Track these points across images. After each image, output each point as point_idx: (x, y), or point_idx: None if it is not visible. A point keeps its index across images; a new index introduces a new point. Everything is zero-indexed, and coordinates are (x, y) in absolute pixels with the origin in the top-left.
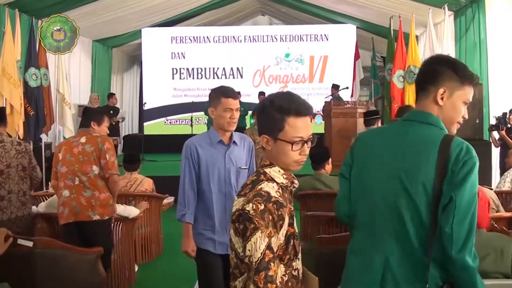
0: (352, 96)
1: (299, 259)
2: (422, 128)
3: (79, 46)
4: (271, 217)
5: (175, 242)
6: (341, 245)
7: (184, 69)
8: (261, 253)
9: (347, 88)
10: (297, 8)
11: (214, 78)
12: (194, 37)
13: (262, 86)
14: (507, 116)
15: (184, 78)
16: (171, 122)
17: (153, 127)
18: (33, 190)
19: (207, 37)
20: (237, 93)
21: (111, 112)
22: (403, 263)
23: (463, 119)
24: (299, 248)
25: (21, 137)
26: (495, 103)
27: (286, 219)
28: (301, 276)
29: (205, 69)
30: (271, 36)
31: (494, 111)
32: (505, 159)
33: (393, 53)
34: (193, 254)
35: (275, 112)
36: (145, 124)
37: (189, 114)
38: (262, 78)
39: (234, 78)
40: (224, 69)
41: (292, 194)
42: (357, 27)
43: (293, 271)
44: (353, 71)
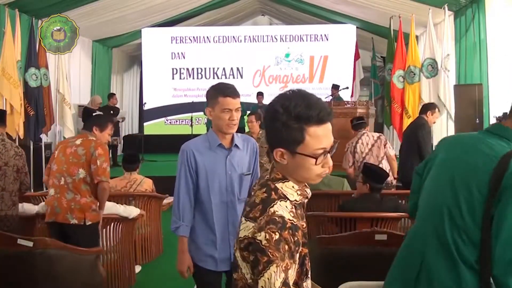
0: (352, 96)
1: (309, 278)
2: (496, 141)
3: (79, 46)
4: (287, 247)
5: (175, 242)
6: (341, 245)
7: (184, 69)
8: None
9: (347, 88)
10: (297, 8)
11: (214, 78)
12: (194, 37)
13: (262, 86)
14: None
15: (184, 78)
16: (171, 122)
17: (153, 127)
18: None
19: (207, 37)
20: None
21: (111, 112)
22: (439, 265)
23: None
24: (309, 266)
25: (21, 137)
26: (495, 103)
27: (300, 242)
28: None
29: (205, 69)
30: (271, 36)
31: (494, 111)
32: None
33: (393, 53)
34: (188, 273)
35: (291, 121)
36: (145, 124)
37: (189, 114)
38: (262, 78)
39: (234, 78)
40: (224, 69)
41: (304, 208)
42: (357, 27)
43: None
44: (353, 71)
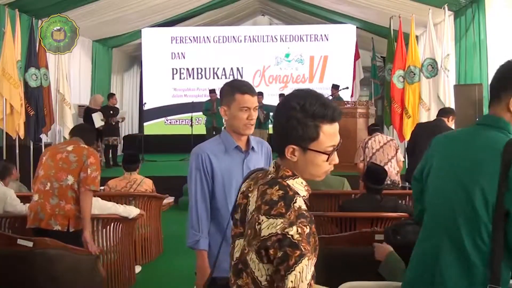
0: (352, 96)
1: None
2: (491, 132)
3: (79, 46)
4: (313, 240)
5: (175, 242)
6: (341, 245)
7: (184, 69)
8: (307, 284)
9: (347, 88)
10: (297, 8)
11: (214, 78)
12: (194, 37)
13: (262, 86)
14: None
15: (184, 78)
16: (171, 122)
17: (153, 127)
18: None
19: (207, 37)
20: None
21: (111, 112)
22: (452, 262)
23: None
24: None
25: (21, 137)
26: None
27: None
28: None
29: (205, 69)
30: (271, 36)
31: None
32: None
33: (393, 53)
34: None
35: (307, 118)
36: (145, 124)
37: (189, 114)
38: (262, 78)
39: (234, 78)
40: (224, 69)
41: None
42: (357, 27)
43: None
44: (353, 71)
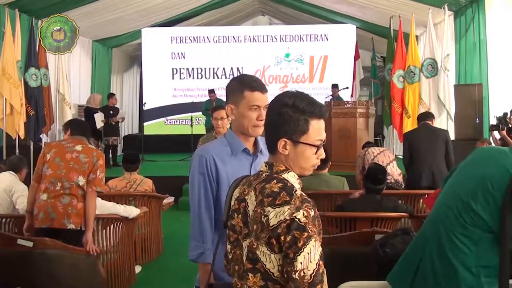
0: (352, 96)
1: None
2: None
3: (79, 46)
4: (317, 223)
5: (175, 242)
6: (341, 245)
7: (184, 69)
8: (316, 264)
9: (347, 88)
10: (297, 8)
11: (214, 78)
12: (194, 37)
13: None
14: (508, 116)
15: (184, 78)
16: (171, 122)
17: (153, 127)
18: None
19: (207, 37)
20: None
21: (111, 112)
22: (435, 267)
23: None
24: None
25: (21, 137)
26: (495, 103)
27: None
28: None
29: (205, 69)
30: (271, 36)
31: (494, 111)
32: None
33: (393, 53)
34: None
35: (297, 114)
36: (145, 124)
37: (189, 114)
38: (262, 78)
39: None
40: (224, 69)
41: None
42: (357, 27)
43: None
44: (353, 71)
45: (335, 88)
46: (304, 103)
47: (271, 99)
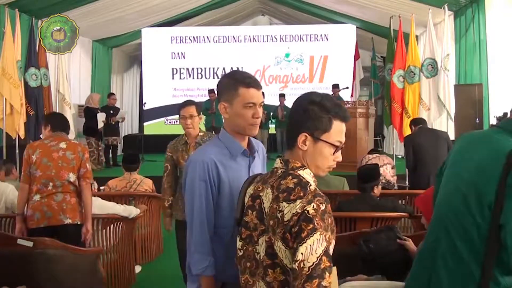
0: (352, 96)
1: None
2: (504, 137)
3: (79, 46)
4: (330, 220)
5: (175, 242)
6: (341, 245)
7: (184, 69)
8: (317, 258)
9: (347, 88)
10: (297, 8)
11: (214, 78)
12: (194, 37)
13: (262, 86)
14: (508, 116)
15: (184, 78)
16: (171, 122)
17: (153, 127)
18: None
19: (207, 37)
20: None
21: (111, 112)
22: (449, 270)
23: None
24: None
25: (21, 137)
26: (495, 103)
27: None
28: None
29: (205, 69)
30: (271, 36)
31: (494, 111)
32: None
33: (393, 53)
34: None
35: (323, 112)
36: (145, 124)
37: None
38: (262, 78)
39: None
40: (224, 69)
41: None
42: (357, 27)
43: None
44: (353, 71)
45: (335, 88)
46: (330, 103)
47: (271, 99)
